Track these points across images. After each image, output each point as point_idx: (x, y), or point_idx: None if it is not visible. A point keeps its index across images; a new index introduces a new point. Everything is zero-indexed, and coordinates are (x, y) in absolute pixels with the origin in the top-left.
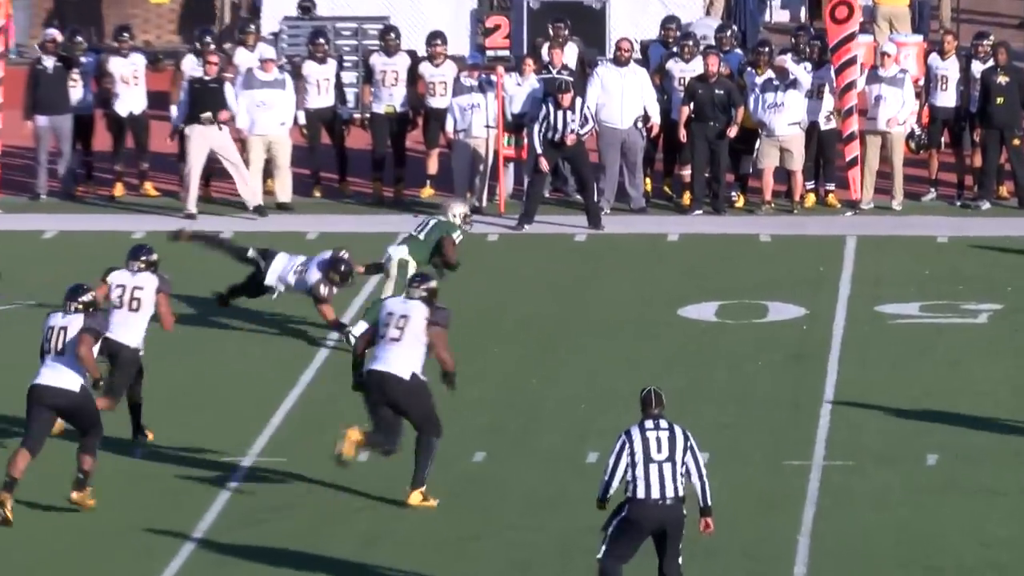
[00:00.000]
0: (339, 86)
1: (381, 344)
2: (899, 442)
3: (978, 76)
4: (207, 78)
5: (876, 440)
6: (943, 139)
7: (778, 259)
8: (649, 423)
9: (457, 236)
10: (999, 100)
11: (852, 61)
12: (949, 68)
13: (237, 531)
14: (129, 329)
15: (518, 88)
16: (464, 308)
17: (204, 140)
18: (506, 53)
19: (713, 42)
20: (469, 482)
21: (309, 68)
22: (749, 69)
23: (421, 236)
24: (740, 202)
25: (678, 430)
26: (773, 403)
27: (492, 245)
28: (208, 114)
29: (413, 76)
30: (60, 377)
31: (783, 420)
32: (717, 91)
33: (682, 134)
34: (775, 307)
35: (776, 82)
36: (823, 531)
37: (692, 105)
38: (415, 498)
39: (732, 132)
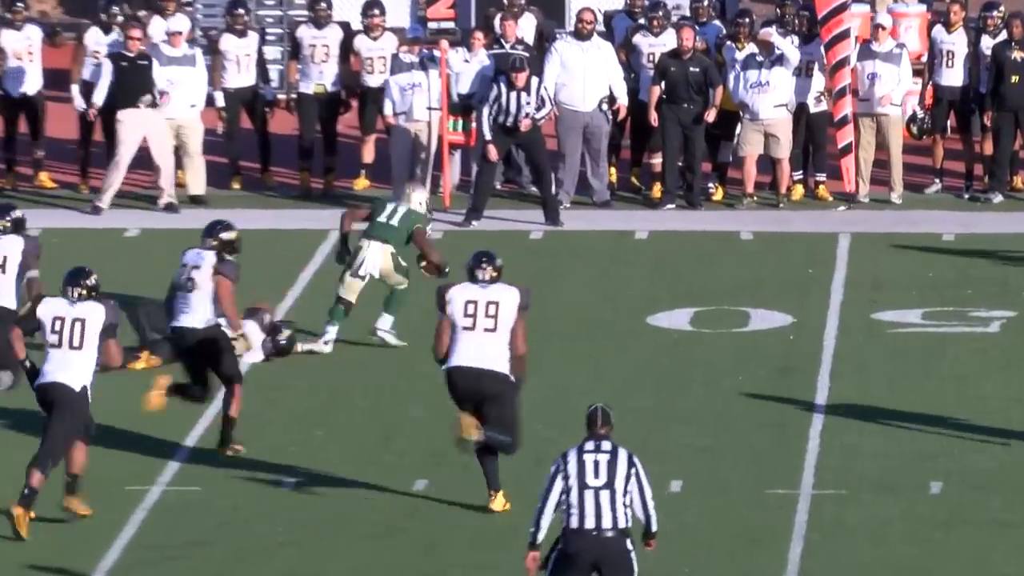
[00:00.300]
0: (261, 63)
1: (467, 336)
2: (899, 468)
3: (988, 52)
4: (131, 54)
5: (872, 465)
6: (949, 123)
7: (761, 259)
8: (589, 445)
9: (429, 230)
10: (1014, 79)
11: (844, 35)
12: (956, 42)
13: (143, 570)
14: (192, 312)
15: (465, 65)
16: (403, 315)
17: (140, 127)
18: (452, 25)
19: (687, 13)
20: (409, 515)
21: (227, 42)
22: (728, 43)
23: (394, 222)
24: (718, 195)
25: (622, 453)
26: (755, 424)
27: (437, 244)
28: (148, 97)
29: (346, 51)
30: (67, 373)
31: (767, 443)
32: (692, 68)
33: (652, 117)
34: (758, 314)
35: (760, 58)
36: (812, 569)
37: (664, 84)
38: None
39: (710, 116)
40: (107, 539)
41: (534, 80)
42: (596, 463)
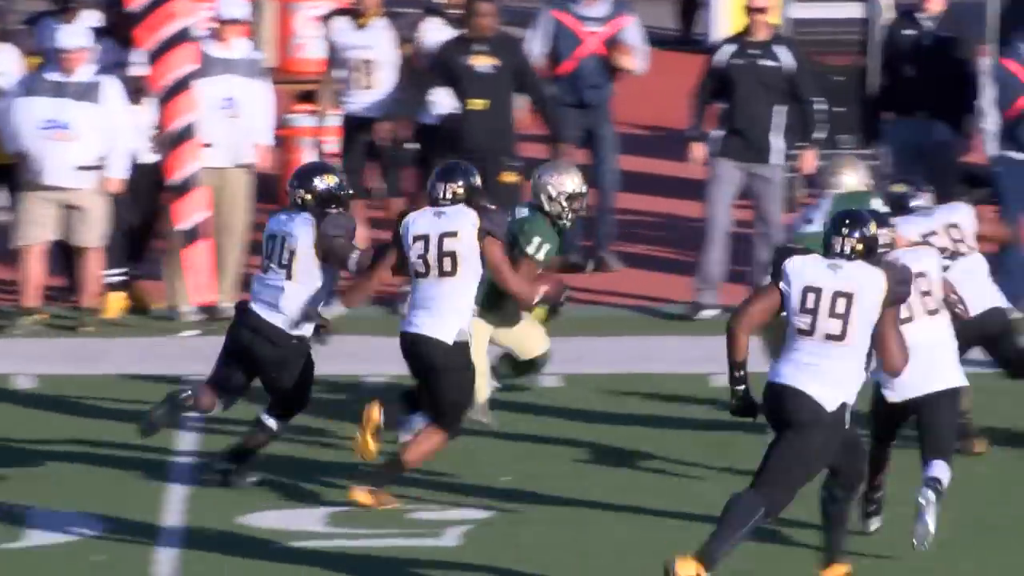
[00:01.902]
0: None
1: (802, 342)
2: None
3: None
4: None
5: None
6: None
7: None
8: None
9: (538, 249)
10: (476, 102)
11: (180, 38)
12: (374, 44)
13: None
14: (438, 312)
15: None
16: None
17: None
18: None
19: None
20: None
21: None
22: None
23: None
24: None
25: None
26: None
27: None
28: None
29: None
30: None
31: None
32: None
33: None
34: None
35: (54, 77)
36: None
37: None
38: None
39: None
40: None
41: None
42: None
